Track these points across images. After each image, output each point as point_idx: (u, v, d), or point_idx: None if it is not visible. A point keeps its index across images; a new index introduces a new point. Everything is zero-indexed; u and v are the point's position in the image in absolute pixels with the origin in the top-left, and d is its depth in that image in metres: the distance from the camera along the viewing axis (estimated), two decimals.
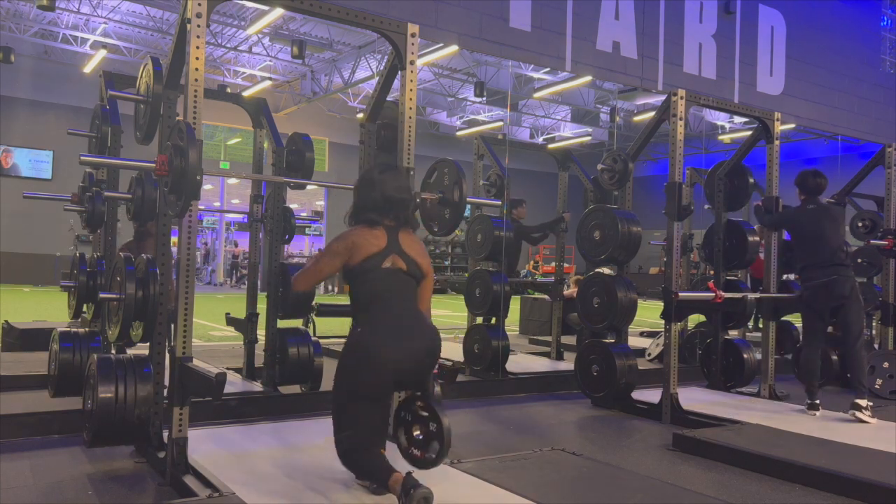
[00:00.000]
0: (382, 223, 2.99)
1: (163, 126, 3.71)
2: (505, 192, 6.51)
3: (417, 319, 2.98)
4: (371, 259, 2.91)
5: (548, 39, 5.51)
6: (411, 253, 3.00)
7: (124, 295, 3.50)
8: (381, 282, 2.92)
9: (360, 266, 2.91)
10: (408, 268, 2.97)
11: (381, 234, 2.96)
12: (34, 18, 16.50)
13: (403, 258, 2.97)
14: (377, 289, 2.92)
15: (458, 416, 4.99)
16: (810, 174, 5.39)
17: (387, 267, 2.93)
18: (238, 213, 22.70)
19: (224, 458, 3.45)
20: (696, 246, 7.85)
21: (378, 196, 2.99)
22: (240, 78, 19.21)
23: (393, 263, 2.94)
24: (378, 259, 2.91)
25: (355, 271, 2.92)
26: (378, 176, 3.06)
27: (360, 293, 2.95)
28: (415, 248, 3.03)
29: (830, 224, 5.21)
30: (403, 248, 2.98)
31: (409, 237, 3.05)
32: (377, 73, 12.89)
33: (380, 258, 2.92)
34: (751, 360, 5.96)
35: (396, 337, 2.87)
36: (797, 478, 3.65)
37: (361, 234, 2.95)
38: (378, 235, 2.95)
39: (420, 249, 3.06)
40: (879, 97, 8.02)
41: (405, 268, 2.96)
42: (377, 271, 2.91)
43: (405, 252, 2.98)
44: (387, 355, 2.83)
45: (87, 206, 4.73)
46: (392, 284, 2.93)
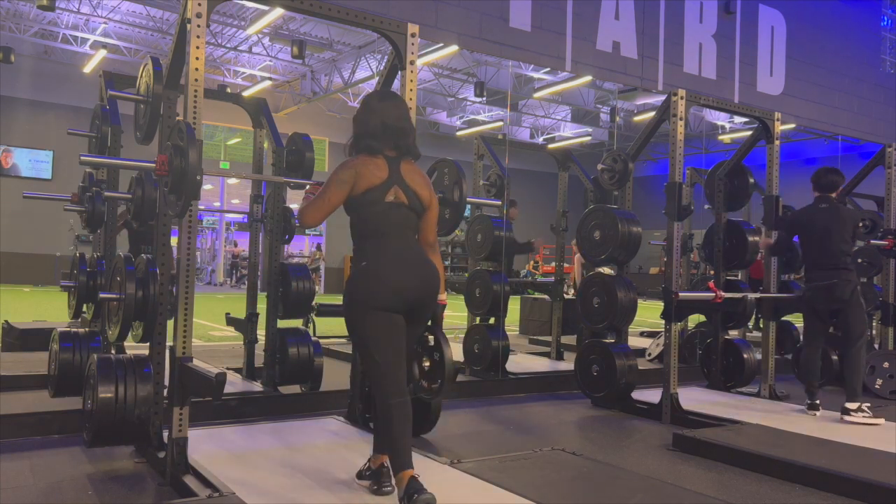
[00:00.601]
0: (383, 152, 2.94)
1: (163, 126, 3.71)
2: (505, 192, 6.51)
3: (418, 256, 2.95)
4: (373, 191, 2.86)
5: (548, 39, 5.51)
6: (413, 184, 2.95)
7: (124, 295, 3.50)
8: (384, 215, 2.88)
9: (363, 197, 2.86)
10: (409, 201, 2.93)
11: (382, 164, 2.91)
12: (34, 18, 16.50)
13: (405, 190, 2.92)
14: (380, 222, 2.88)
15: (458, 416, 5.00)
16: (825, 170, 5.32)
17: (389, 200, 2.89)
18: (238, 213, 22.73)
19: (224, 458, 3.45)
20: (696, 246, 7.86)
21: (377, 123, 2.95)
22: (240, 78, 19.21)
23: (395, 196, 2.90)
24: (380, 191, 2.87)
25: (358, 202, 2.88)
26: (377, 103, 3.02)
27: (363, 225, 2.91)
28: (416, 180, 2.98)
29: (839, 225, 5.14)
30: (405, 180, 2.94)
31: (411, 167, 3.00)
32: (377, 73, 12.91)
33: (382, 190, 2.88)
34: (751, 360, 5.96)
35: (398, 269, 2.84)
36: (797, 478, 3.65)
37: (364, 164, 2.90)
38: (380, 165, 2.91)
39: (422, 180, 3.01)
40: (879, 97, 8.02)
41: (406, 201, 2.92)
42: (379, 204, 2.87)
43: (407, 184, 2.93)
44: (391, 280, 2.81)
45: (87, 206, 4.73)
46: (394, 218, 2.90)
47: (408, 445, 2.77)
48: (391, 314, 2.84)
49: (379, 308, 2.81)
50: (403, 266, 2.87)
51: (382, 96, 3.10)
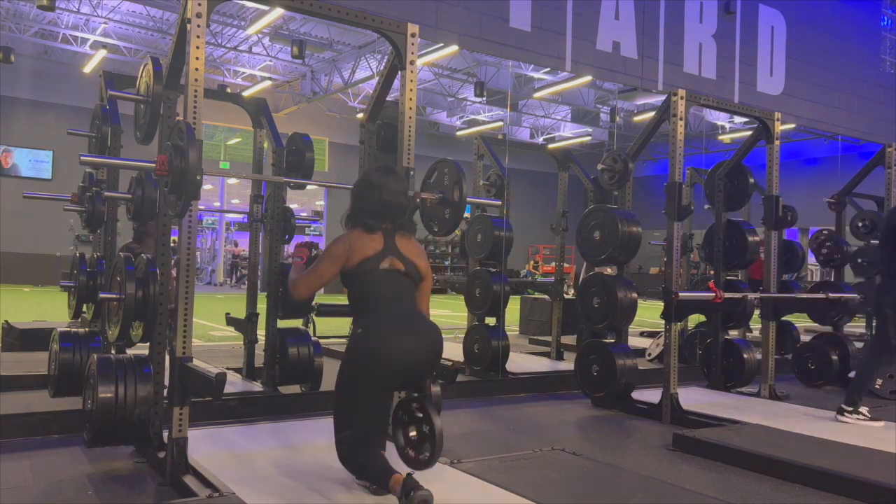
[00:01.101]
0: (379, 227, 3.00)
1: (163, 126, 3.71)
2: (505, 192, 6.51)
3: (418, 318, 2.99)
4: (368, 261, 2.92)
5: (548, 39, 5.51)
6: (409, 255, 3.01)
7: (124, 295, 3.50)
8: (380, 283, 2.93)
9: (357, 268, 2.91)
10: (406, 269, 2.98)
11: (377, 238, 2.98)
12: (34, 18, 16.50)
13: (401, 259, 2.98)
14: (376, 290, 2.93)
15: (458, 416, 5.00)
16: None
17: (385, 268, 2.94)
18: (238, 213, 22.72)
19: (224, 458, 3.45)
20: (696, 246, 7.86)
21: (376, 200, 3.00)
22: (240, 78, 19.21)
23: (391, 264, 2.95)
24: (375, 261, 2.93)
25: (352, 273, 2.93)
26: (377, 180, 3.06)
27: (359, 295, 2.95)
28: (412, 251, 3.04)
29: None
30: (401, 251, 3.00)
31: (406, 240, 3.06)
32: (377, 73, 12.89)
33: (377, 259, 2.93)
34: (751, 360, 5.96)
35: (398, 337, 2.87)
36: (797, 478, 3.65)
37: (358, 237, 2.97)
38: (375, 239, 2.97)
39: (417, 251, 3.07)
40: (879, 97, 8.02)
41: (403, 269, 2.97)
42: (375, 272, 2.92)
43: (402, 254, 2.99)
44: (389, 356, 2.84)
45: (87, 206, 4.73)
46: (390, 285, 2.94)
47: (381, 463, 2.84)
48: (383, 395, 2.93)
49: (373, 390, 2.88)
50: (402, 331, 2.90)
51: (383, 172, 3.14)
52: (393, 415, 3.08)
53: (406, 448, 3.00)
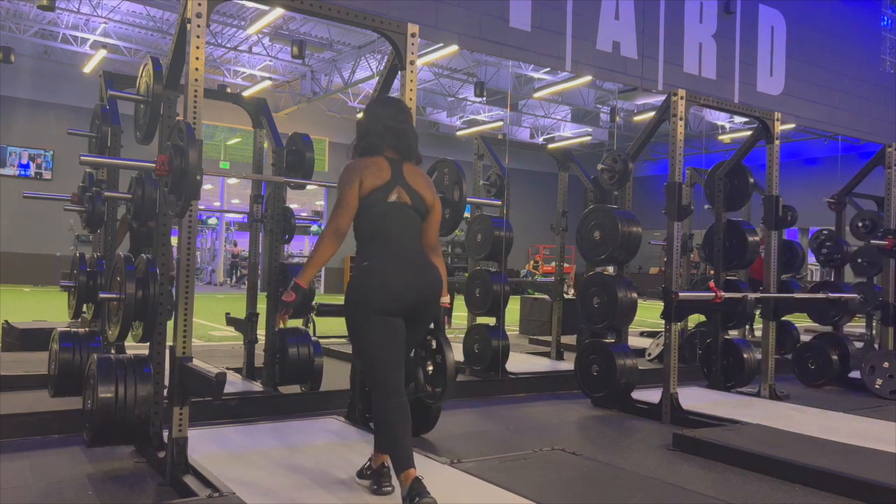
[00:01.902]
0: (384, 153, 2.96)
1: (163, 126, 3.71)
2: (505, 192, 6.51)
3: (420, 257, 2.95)
4: (376, 192, 2.87)
5: (548, 39, 5.51)
6: (415, 185, 2.96)
7: (124, 295, 3.50)
8: (387, 216, 2.89)
9: (367, 198, 2.87)
10: (412, 201, 2.94)
11: (384, 165, 2.93)
12: (34, 18, 16.50)
13: (408, 191, 2.93)
14: (383, 223, 2.89)
15: (458, 416, 5.00)
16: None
17: (392, 200, 2.90)
18: (238, 213, 22.73)
19: (224, 458, 3.45)
20: (696, 246, 7.86)
21: (380, 125, 2.98)
22: (240, 78, 19.21)
23: (398, 196, 2.91)
24: (383, 192, 2.88)
25: (363, 203, 2.88)
26: (380, 109, 3.05)
27: (366, 226, 2.91)
28: (419, 181, 3.00)
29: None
30: (408, 181, 2.95)
31: (413, 169, 3.01)
32: (377, 73, 12.90)
33: (385, 191, 2.89)
34: (751, 360, 5.96)
35: (400, 270, 2.85)
36: (797, 478, 3.65)
37: (366, 165, 2.92)
38: (382, 166, 2.92)
39: (425, 182, 3.03)
40: (879, 97, 8.02)
41: (409, 202, 2.93)
42: (382, 204, 2.88)
43: (410, 185, 2.95)
44: (393, 282, 2.82)
45: (87, 206, 4.73)
46: (397, 219, 2.91)
47: (409, 445, 2.77)
48: (391, 318, 2.84)
49: (379, 312, 2.82)
50: (405, 268, 2.88)
51: (385, 102, 3.13)
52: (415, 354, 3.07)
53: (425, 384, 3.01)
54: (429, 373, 3.03)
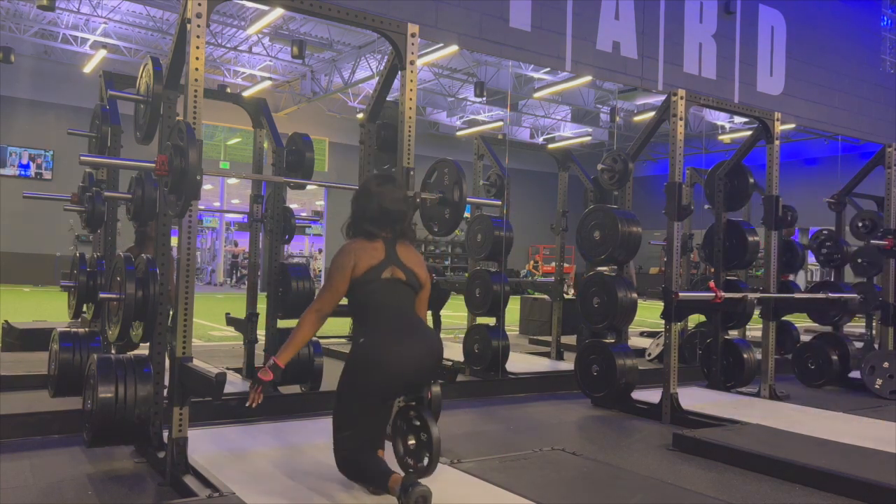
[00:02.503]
0: (380, 235, 3.02)
1: (163, 126, 3.71)
2: (505, 192, 6.51)
3: (419, 327, 3.02)
4: (371, 271, 2.94)
5: (548, 39, 5.52)
6: (409, 264, 3.04)
7: (124, 295, 3.50)
8: (382, 292, 2.95)
9: (361, 278, 2.94)
10: (406, 278, 3.01)
11: (379, 246, 3.00)
12: (34, 18, 16.50)
13: (402, 269, 3.01)
14: (378, 299, 2.95)
15: (458, 416, 5.00)
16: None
17: (386, 277, 2.96)
18: (238, 213, 22.71)
19: (224, 458, 3.45)
20: (696, 246, 7.86)
21: (375, 208, 3.02)
22: (240, 78, 19.21)
23: (392, 274, 2.98)
24: (377, 270, 2.95)
25: (356, 283, 2.95)
26: (376, 188, 3.08)
27: (361, 304, 2.98)
28: (412, 259, 3.07)
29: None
30: (401, 259, 3.02)
31: (407, 248, 3.09)
32: (377, 73, 12.89)
33: (379, 269, 2.96)
34: (751, 360, 5.96)
35: (400, 345, 2.90)
36: (797, 478, 3.65)
37: (362, 247, 2.99)
38: (376, 247, 3.00)
39: (417, 260, 3.11)
40: (879, 97, 8.02)
41: (404, 278, 3.00)
42: (377, 282, 2.95)
43: (403, 263, 3.02)
44: (392, 367, 2.86)
45: (87, 206, 4.73)
46: (392, 294, 2.97)
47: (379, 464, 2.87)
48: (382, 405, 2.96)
49: (373, 400, 2.91)
50: (403, 339, 2.92)
51: (381, 181, 3.16)
52: (392, 424, 3.10)
53: (405, 457, 3.04)
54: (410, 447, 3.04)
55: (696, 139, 21.91)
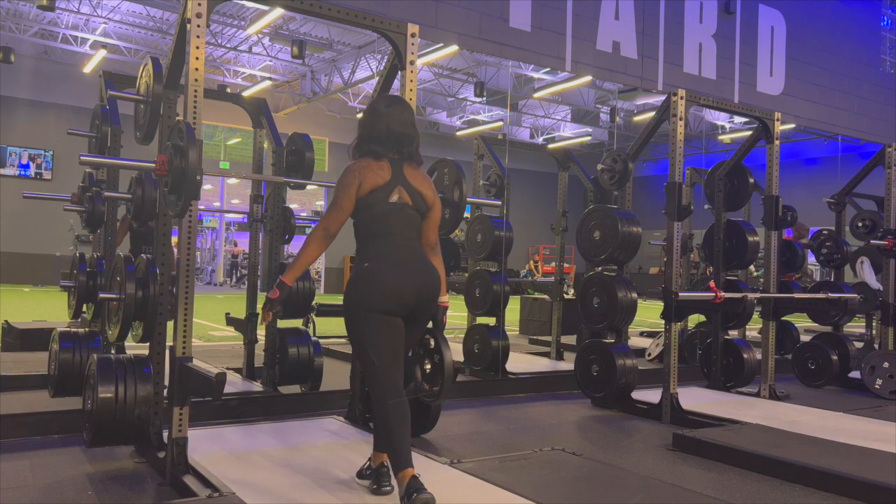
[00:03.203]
0: (387, 156, 2.97)
1: (163, 126, 3.71)
2: (505, 192, 6.51)
3: (419, 257, 2.97)
4: (377, 191, 2.89)
5: (548, 39, 5.51)
6: (417, 185, 2.98)
7: (124, 295, 3.50)
8: (387, 216, 2.90)
9: (367, 198, 2.89)
10: (413, 201, 2.96)
11: (385, 166, 2.94)
12: (34, 18, 16.50)
13: (409, 191, 2.95)
14: (383, 223, 2.90)
15: (458, 416, 5.00)
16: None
17: (393, 201, 2.91)
18: (238, 213, 22.72)
19: (224, 458, 3.45)
20: (696, 246, 7.86)
21: (383, 128, 2.97)
22: (240, 78, 19.21)
23: (399, 197, 2.92)
24: (384, 192, 2.90)
25: (362, 203, 2.90)
26: (384, 109, 3.02)
27: (366, 226, 2.93)
28: (420, 180, 3.01)
29: None
30: (409, 180, 2.96)
31: (414, 170, 3.02)
32: (377, 73, 12.90)
33: (386, 191, 2.90)
34: (751, 360, 5.96)
35: (399, 271, 2.87)
36: (797, 478, 3.65)
37: (367, 166, 2.93)
38: (383, 167, 2.93)
39: (426, 181, 3.04)
40: (879, 97, 8.02)
41: (410, 202, 2.95)
42: (383, 205, 2.89)
43: (411, 184, 2.96)
44: (392, 282, 2.83)
45: (87, 206, 4.74)
46: (397, 219, 2.92)
47: (407, 445, 2.78)
48: (389, 317, 2.86)
49: (377, 311, 2.83)
50: (404, 268, 2.89)
51: (389, 101, 3.10)
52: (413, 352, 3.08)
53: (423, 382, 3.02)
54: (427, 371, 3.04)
55: (696, 139, 21.92)
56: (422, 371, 3.05)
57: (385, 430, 2.83)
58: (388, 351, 2.85)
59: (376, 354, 2.83)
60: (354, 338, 2.93)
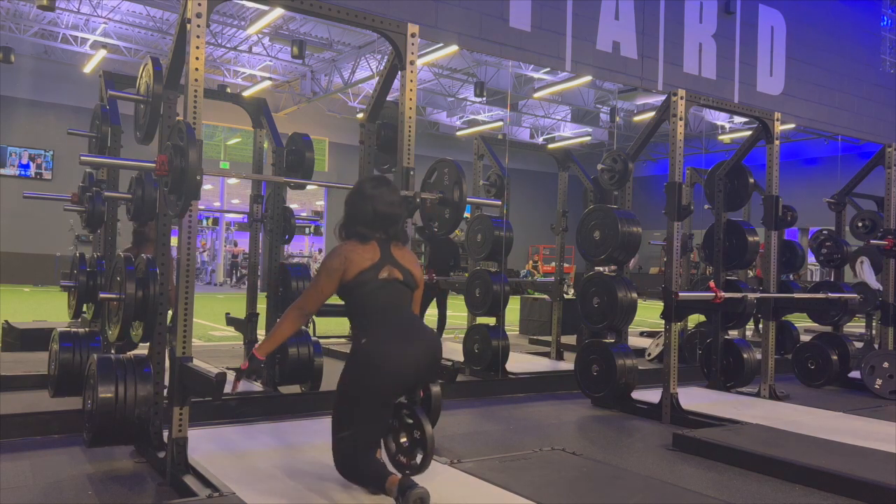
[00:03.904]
0: (373, 237, 3.00)
1: (163, 126, 3.71)
2: (505, 192, 6.51)
3: (418, 326, 3.01)
4: (365, 273, 2.92)
5: (548, 39, 5.52)
6: (405, 263, 3.03)
7: (124, 295, 3.50)
8: (380, 292, 2.93)
9: (356, 280, 2.92)
10: (403, 277, 3.00)
11: (373, 247, 2.98)
12: (34, 18, 16.50)
13: (399, 268, 3.00)
14: (376, 299, 2.93)
15: (458, 416, 5.00)
16: None
17: (383, 277, 2.95)
18: (238, 213, 22.72)
19: (224, 458, 3.45)
20: (696, 246, 7.86)
21: (370, 211, 3.00)
22: (240, 78, 19.21)
23: (389, 274, 2.96)
24: (373, 271, 2.93)
25: (350, 285, 2.92)
26: (371, 191, 3.05)
27: (360, 305, 2.95)
28: (407, 259, 3.07)
29: None
30: (397, 259, 3.01)
31: (401, 249, 3.08)
32: (377, 73, 12.90)
33: (375, 270, 2.94)
34: (751, 360, 5.96)
35: (400, 346, 2.89)
36: (797, 478, 3.65)
37: (354, 249, 2.96)
38: (371, 249, 2.98)
39: (412, 260, 3.10)
40: (879, 97, 8.02)
41: (401, 277, 2.99)
42: (374, 282, 2.93)
43: (399, 262, 3.01)
44: (393, 367, 2.85)
45: (87, 206, 4.73)
46: (391, 295, 2.96)
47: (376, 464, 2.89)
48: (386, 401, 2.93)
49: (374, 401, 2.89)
50: (406, 339, 2.92)
51: (376, 183, 3.13)
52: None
53: (397, 454, 3.03)
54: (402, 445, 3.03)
55: (696, 139, 21.92)
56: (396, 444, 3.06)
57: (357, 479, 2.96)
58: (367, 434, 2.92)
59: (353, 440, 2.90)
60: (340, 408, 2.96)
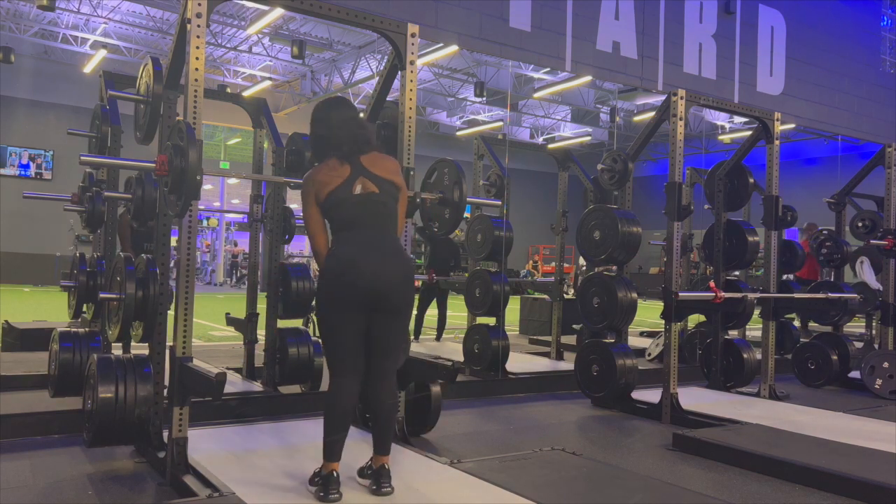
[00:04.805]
0: (339, 154, 2.99)
1: (163, 126, 3.71)
2: (505, 192, 6.51)
3: (388, 245, 2.98)
4: (337, 191, 2.92)
5: (548, 39, 5.52)
6: (380, 172, 3.00)
7: (124, 295, 3.50)
8: (354, 208, 2.93)
9: (329, 200, 2.92)
10: (380, 189, 2.98)
11: (342, 164, 2.97)
12: (34, 18, 16.50)
13: (373, 179, 2.97)
14: (350, 215, 2.93)
15: (458, 416, 5.00)
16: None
17: (358, 193, 2.94)
18: (238, 213, 22.72)
19: (224, 458, 3.45)
20: (696, 246, 7.86)
21: (327, 131, 3.03)
22: (240, 78, 19.22)
23: (363, 187, 2.95)
24: (345, 187, 2.93)
25: (326, 206, 2.94)
26: (324, 112, 3.08)
27: (336, 220, 2.97)
28: (380, 166, 3.03)
29: None
30: (369, 170, 2.98)
31: (374, 157, 3.04)
32: (377, 73, 12.90)
33: (347, 186, 2.93)
34: (751, 360, 5.96)
35: (362, 257, 2.88)
36: (797, 478, 3.65)
37: (320, 170, 2.98)
38: (339, 166, 2.97)
39: (388, 166, 3.07)
40: (879, 97, 8.02)
41: (377, 190, 2.97)
42: (349, 199, 2.93)
43: (372, 172, 2.98)
44: (352, 275, 2.85)
45: (87, 206, 4.73)
46: (365, 210, 2.94)
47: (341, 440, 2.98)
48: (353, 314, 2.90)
49: (343, 309, 2.90)
50: (368, 249, 2.91)
51: (328, 104, 3.14)
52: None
53: None
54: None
55: (696, 139, 21.92)
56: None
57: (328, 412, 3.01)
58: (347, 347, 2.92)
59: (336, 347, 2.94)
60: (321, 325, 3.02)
